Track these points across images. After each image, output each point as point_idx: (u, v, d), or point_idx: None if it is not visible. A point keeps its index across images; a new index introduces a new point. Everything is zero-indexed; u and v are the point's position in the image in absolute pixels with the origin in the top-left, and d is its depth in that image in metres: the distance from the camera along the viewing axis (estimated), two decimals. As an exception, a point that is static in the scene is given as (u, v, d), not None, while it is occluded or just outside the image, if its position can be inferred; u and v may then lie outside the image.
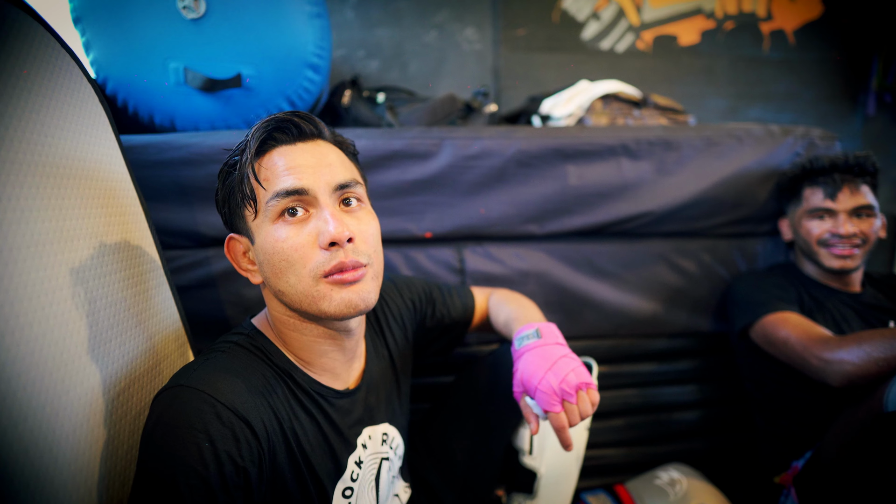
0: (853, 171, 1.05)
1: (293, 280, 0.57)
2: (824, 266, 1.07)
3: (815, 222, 1.07)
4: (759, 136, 1.19)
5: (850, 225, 1.03)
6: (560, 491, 0.88)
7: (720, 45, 2.66)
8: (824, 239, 1.06)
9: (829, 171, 1.06)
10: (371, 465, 0.70)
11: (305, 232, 0.57)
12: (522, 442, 0.84)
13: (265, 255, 0.59)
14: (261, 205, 0.58)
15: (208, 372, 0.54)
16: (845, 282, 1.10)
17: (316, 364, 0.65)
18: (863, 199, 1.04)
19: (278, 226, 0.57)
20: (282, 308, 0.62)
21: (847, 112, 2.80)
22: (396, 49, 2.44)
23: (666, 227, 1.18)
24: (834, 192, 1.04)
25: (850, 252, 1.04)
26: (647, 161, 1.14)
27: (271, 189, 0.57)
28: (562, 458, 0.86)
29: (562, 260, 1.14)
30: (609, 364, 1.20)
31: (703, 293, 1.21)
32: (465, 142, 1.07)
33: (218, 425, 0.50)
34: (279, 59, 1.20)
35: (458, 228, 1.10)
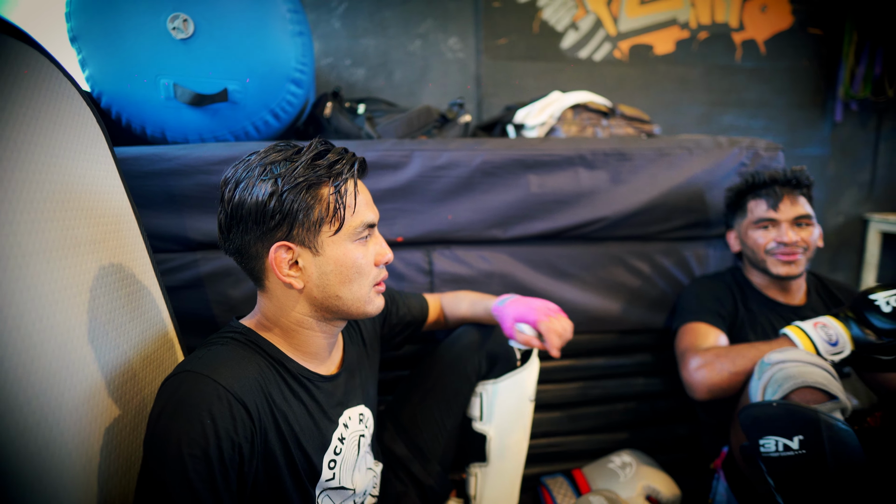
0: (791, 184, 1.15)
1: (356, 287, 0.71)
2: (771, 273, 1.15)
3: (761, 232, 1.16)
4: (707, 147, 1.29)
5: (793, 233, 1.13)
6: (511, 457, 0.98)
7: (694, 54, 2.77)
8: (770, 248, 1.14)
9: (770, 184, 1.15)
10: (352, 440, 0.79)
11: (370, 252, 0.73)
12: (473, 409, 0.96)
13: (336, 266, 0.70)
14: (346, 227, 0.69)
15: (210, 360, 0.63)
16: (788, 293, 1.19)
17: (307, 353, 0.75)
18: (802, 209, 1.14)
19: (356, 245, 0.71)
20: (308, 310, 0.72)
21: (816, 119, 2.92)
22: (382, 58, 2.53)
23: (621, 232, 1.28)
24: (776, 203, 1.13)
25: (794, 258, 1.13)
26: (603, 171, 1.24)
27: (358, 218, 0.71)
28: (510, 425, 0.98)
29: (524, 262, 1.23)
30: (571, 358, 1.29)
31: (658, 293, 1.31)
32: (433, 153, 1.17)
33: (218, 405, 0.58)
34: (263, 74, 1.29)
35: (427, 233, 1.19)
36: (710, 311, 1.14)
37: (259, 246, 0.68)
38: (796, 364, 0.87)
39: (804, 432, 0.78)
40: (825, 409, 0.81)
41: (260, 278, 0.71)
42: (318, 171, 0.67)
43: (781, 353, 0.91)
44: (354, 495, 0.79)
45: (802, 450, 0.77)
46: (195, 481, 0.56)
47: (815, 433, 0.77)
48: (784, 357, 0.90)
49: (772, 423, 0.81)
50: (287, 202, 0.66)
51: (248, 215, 0.66)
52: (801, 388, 0.85)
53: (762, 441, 0.81)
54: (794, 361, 0.88)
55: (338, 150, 0.71)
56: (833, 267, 3.14)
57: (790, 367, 0.87)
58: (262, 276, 0.71)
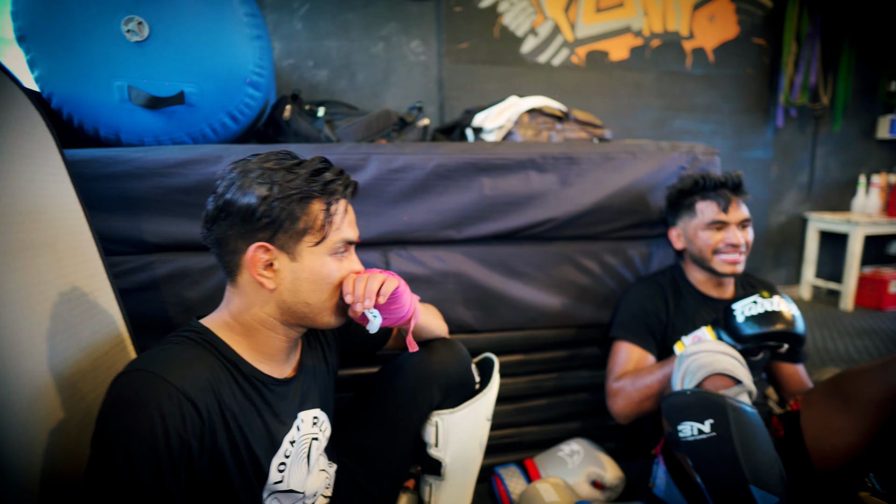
0: (738, 190, 1.24)
1: (325, 297, 0.75)
2: (717, 271, 1.23)
3: (711, 233, 1.23)
4: (650, 152, 1.37)
5: (739, 235, 1.21)
6: (466, 471, 1.02)
7: (648, 61, 2.89)
8: (719, 248, 1.22)
9: (719, 188, 1.23)
10: (303, 443, 0.82)
11: (344, 268, 0.76)
12: (428, 436, 0.97)
13: (310, 274, 0.73)
14: (327, 240, 0.73)
15: (161, 359, 0.65)
16: (721, 287, 1.28)
17: (264, 354, 0.77)
18: (745, 212, 1.23)
19: (332, 259, 0.74)
20: (275, 312, 0.74)
21: (760, 123, 3.09)
22: (345, 60, 2.55)
23: (571, 232, 1.35)
24: (726, 205, 1.21)
25: (738, 259, 1.22)
26: (553, 174, 1.30)
27: (340, 234, 0.75)
28: (466, 448, 0.99)
29: (479, 261, 1.29)
30: (524, 353, 1.35)
31: (606, 290, 1.38)
32: (389, 157, 1.20)
33: (168, 403, 0.60)
34: (220, 77, 1.29)
35: (384, 234, 1.23)
36: (638, 329, 1.23)
37: (240, 242, 0.71)
38: (707, 354, 0.96)
39: (714, 416, 0.85)
40: (732, 394, 0.90)
41: (234, 272, 0.73)
42: (313, 186, 0.72)
43: (695, 346, 0.99)
44: (304, 498, 0.81)
45: (713, 432, 0.85)
46: (143, 479, 0.57)
47: (723, 416, 0.85)
48: (697, 349, 0.99)
49: (687, 409, 0.88)
50: (276, 209, 0.69)
51: (236, 213, 0.69)
52: (711, 375, 0.93)
53: (679, 427, 0.89)
54: (705, 352, 0.97)
55: (336, 171, 0.76)
56: (776, 263, 3.33)
57: (702, 357, 0.96)
58: (237, 271, 0.73)
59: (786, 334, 1.04)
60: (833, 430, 1.03)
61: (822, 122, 3.18)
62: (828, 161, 3.28)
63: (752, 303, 1.06)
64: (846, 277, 3.05)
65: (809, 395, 1.11)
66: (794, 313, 1.06)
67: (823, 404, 1.07)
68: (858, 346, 2.42)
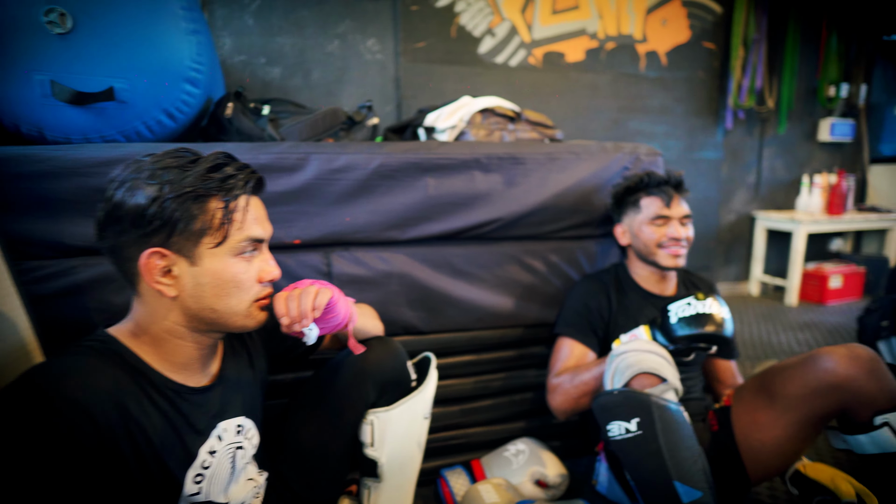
0: (679, 187, 1.28)
1: (234, 301, 0.71)
2: (661, 265, 1.26)
3: (654, 228, 1.26)
4: (594, 152, 1.39)
5: (682, 229, 1.25)
6: (404, 472, 1.01)
7: (603, 63, 2.94)
8: (662, 242, 1.26)
9: (663, 185, 1.27)
10: (226, 453, 0.79)
11: (253, 268, 0.73)
12: (364, 436, 0.96)
13: (213, 279, 0.69)
14: (229, 240, 0.70)
15: (57, 369, 0.61)
16: (663, 283, 1.31)
17: (176, 364, 0.73)
18: (685, 208, 1.27)
19: (237, 260, 0.71)
20: (181, 320, 0.71)
21: (710, 125, 3.19)
22: (299, 57, 2.50)
23: (516, 232, 1.35)
24: (669, 201, 1.25)
25: (680, 252, 1.25)
26: (498, 174, 1.30)
27: (244, 233, 0.71)
28: (403, 447, 0.99)
29: (423, 262, 1.28)
30: (471, 353, 1.35)
31: (552, 289, 1.39)
32: (330, 156, 1.18)
33: (58, 416, 0.57)
34: (154, 73, 1.24)
35: (325, 235, 1.20)
36: (581, 325, 1.25)
37: (133, 249, 0.67)
38: (635, 353, 0.98)
39: (640, 415, 0.87)
40: (658, 392, 0.92)
41: (133, 282, 0.70)
42: (209, 183, 0.68)
43: (624, 345, 1.02)
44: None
45: (639, 431, 0.87)
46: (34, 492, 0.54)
47: (648, 415, 0.87)
48: (626, 348, 1.01)
49: (614, 409, 0.90)
50: (168, 210, 0.65)
51: (125, 216, 0.65)
52: (638, 374, 0.95)
53: (609, 427, 0.90)
54: (633, 351, 0.99)
55: (237, 165, 0.73)
56: (727, 260, 3.45)
57: (630, 356, 0.98)
58: (136, 281, 0.69)
59: (714, 336, 1.07)
60: (759, 424, 1.07)
61: (767, 124, 3.31)
62: (774, 162, 3.41)
63: (685, 304, 1.09)
64: (790, 274, 3.19)
65: (740, 391, 1.15)
66: (725, 316, 1.09)
67: (751, 400, 1.10)
68: (800, 340, 2.53)
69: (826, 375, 0.98)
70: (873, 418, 0.95)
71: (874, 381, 0.95)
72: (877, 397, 0.95)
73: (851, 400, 0.96)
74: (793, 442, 1.05)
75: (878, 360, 0.97)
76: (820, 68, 3.34)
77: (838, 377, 0.96)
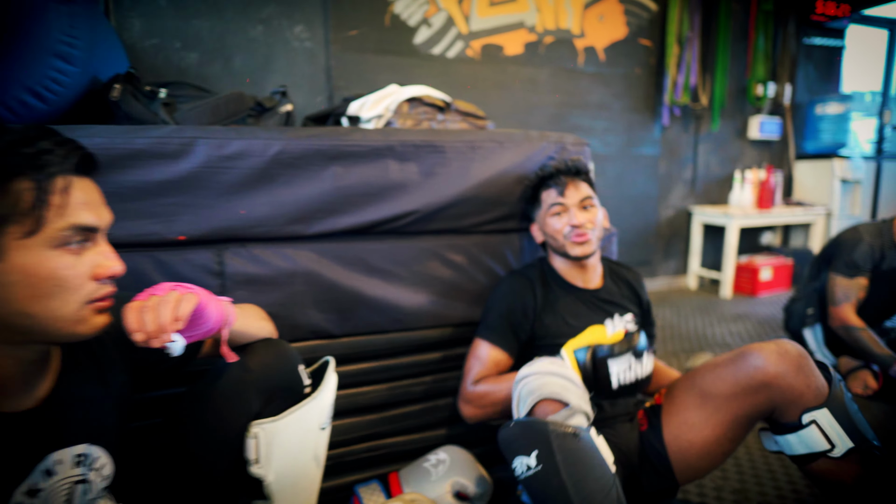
0: (572, 172, 1.22)
1: (56, 304, 0.59)
2: (570, 255, 1.20)
3: (555, 218, 1.20)
4: (518, 141, 1.32)
5: (581, 215, 1.19)
6: (298, 491, 0.89)
7: (542, 57, 2.90)
8: (566, 232, 1.19)
9: (555, 174, 1.21)
10: (59, 491, 0.65)
11: (84, 263, 0.61)
12: (250, 452, 0.84)
13: (24, 277, 0.57)
14: (46, 229, 0.57)
15: None
16: (586, 275, 1.25)
17: None
18: (584, 192, 1.21)
19: (59, 253, 0.59)
20: None
21: (648, 121, 3.22)
22: (218, 42, 2.32)
23: (436, 225, 1.26)
24: (562, 189, 1.19)
25: (586, 238, 1.18)
26: (414, 163, 1.21)
27: (66, 220, 0.59)
28: (295, 462, 0.87)
29: (333, 259, 1.16)
30: (389, 357, 1.25)
31: (477, 286, 1.31)
32: (221, 142, 1.05)
33: None
34: (11, 47, 1.07)
35: (217, 230, 1.07)
36: (501, 328, 1.17)
37: None
38: (536, 377, 0.90)
39: (538, 447, 0.79)
40: (560, 419, 0.84)
41: None
42: (14, 159, 0.56)
43: (528, 367, 0.94)
44: None
45: (539, 465, 0.79)
46: None
47: (547, 446, 0.79)
48: (529, 371, 0.93)
49: (516, 443, 0.82)
50: None
51: None
52: (540, 401, 0.87)
53: (514, 464, 0.82)
54: (535, 374, 0.91)
55: (58, 140, 0.60)
56: (666, 255, 3.51)
57: (531, 381, 0.90)
58: None
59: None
60: (689, 425, 1.03)
61: (702, 121, 3.39)
62: (709, 158, 3.50)
63: (626, 368, 1.05)
64: (724, 267, 3.27)
65: (672, 390, 1.11)
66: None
67: (682, 399, 1.06)
68: (733, 331, 2.58)
69: (755, 372, 0.95)
70: (801, 416, 0.92)
71: (802, 377, 0.92)
72: (804, 394, 0.92)
73: (780, 398, 0.94)
74: (721, 443, 1.01)
75: (806, 357, 0.95)
76: (749, 67, 3.45)
77: (767, 374, 0.94)
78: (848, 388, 1.81)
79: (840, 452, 0.90)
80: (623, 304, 1.26)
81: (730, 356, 1.02)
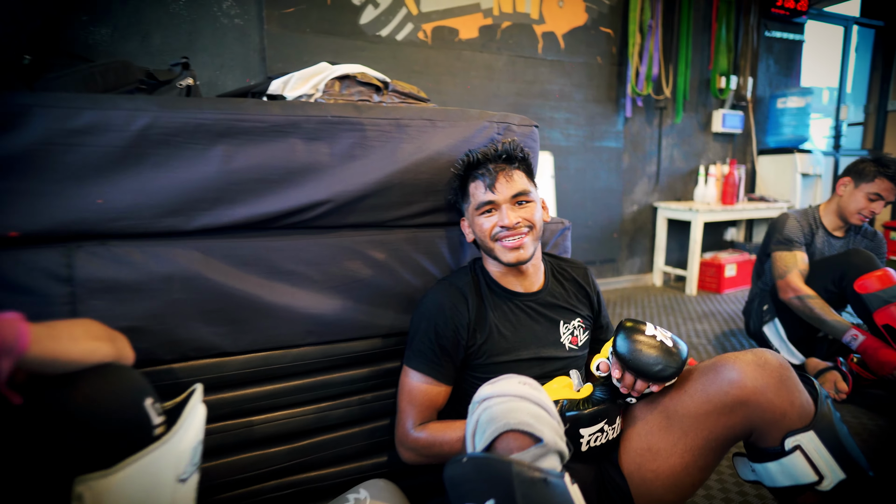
0: (503, 159, 1.02)
1: None
2: (501, 261, 1.01)
3: (485, 217, 1.01)
4: (453, 119, 1.13)
5: (513, 214, 0.99)
6: None
7: (499, 42, 2.73)
8: (496, 233, 1.00)
9: (483, 163, 1.01)
10: None
11: None
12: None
13: None
14: None
15: None
16: (524, 279, 1.06)
17: None
18: (518, 185, 1.00)
19: None
20: None
21: (611, 113, 3.09)
22: (133, 16, 2.05)
23: (356, 218, 1.06)
24: (492, 182, 0.99)
25: (520, 243, 1.00)
26: (327, 143, 1.01)
27: None
28: None
29: (223, 259, 0.95)
30: (300, 377, 1.04)
31: (410, 289, 1.12)
32: (66, 111, 0.82)
33: None
34: None
35: (64, 224, 0.84)
36: (431, 353, 0.98)
37: None
38: (503, 400, 0.70)
39: (496, 494, 0.59)
40: (528, 459, 0.65)
41: None
42: None
43: (490, 386, 0.74)
44: None
45: None
46: None
47: (508, 494, 0.59)
48: (492, 392, 0.73)
49: (467, 485, 0.62)
50: None
51: None
52: (503, 433, 0.68)
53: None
54: (499, 397, 0.71)
55: None
56: (631, 252, 3.39)
57: (494, 407, 0.70)
58: None
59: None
60: (654, 452, 0.87)
61: (665, 113, 3.29)
62: (672, 152, 3.40)
63: (598, 430, 0.87)
64: (690, 264, 3.18)
65: (631, 409, 0.94)
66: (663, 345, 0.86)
67: (645, 422, 0.90)
68: (698, 330, 2.46)
69: (730, 388, 0.80)
70: (784, 440, 0.76)
71: (784, 393, 0.77)
72: (787, 413, 0.77)
73: (759, 418, 0.78)
74: (691, 472, 0.85)
75: (789, 369, 0.79)
76: (712, 59, 3.37)
77: (744, 390, 0.78)
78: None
79: (830, 485, 0.74)
80: (570, 307, 1.09)
81: (700, 369, 0.86)
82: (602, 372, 0.91)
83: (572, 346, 1.07)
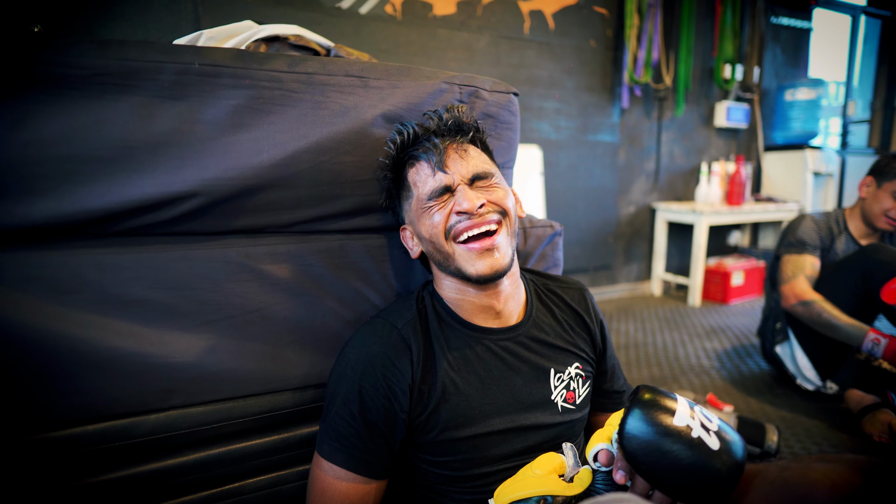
0: (453, 132, 0.69)
1: None
2: (467, 273, 0.67)
3: (434, 210, 0.68)
4: (395, 77, 0.79)
5: (474, 193, 0.66)
6: None
7: (480, 20, 2.40)
8: (452, 225, 0.66)
9: (424, 138, 0.69)
10: None
11: None
12: None
13: None
14: None
15: None
16: (497, 306, 0.71)
17: None
18: (476, 164, 0.68)
19: None
20: None
21: (606, 104, 2.77)
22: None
23: (246, 220, 0.72)
24: (441, 160, 0.66)
25: (491, 243, 0.66)
26: (193, 103, 0.66)
27: None
28: None
29: (19, 285, 0.60)
30: (163, 457, 0.70)
31: (338, 322, 0.78)
32: None
33: None
34: None
35: None
36: (357, 436, 0.64)
37: None
38: None
39: None
40: None
41: None
42: None
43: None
44: None
45: None
46: None
47: None
48: None
49: None
50: None
51: None
52: None
53: None
54: None
55: None
56: (627, 258, 3.07)
57: None
58: None
59: None
60: None
61: (665, 104, 2.98)
62: (672, 148, 3.10)
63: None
64: (693, 271, 2.86)
65: None
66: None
67: None
68: (708, 350, 2.15)
69: None
70: None
71: None
72: None
73: None
74: None
75: None
76: (716, 45, 3.07)
77: None
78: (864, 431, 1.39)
79: None
80: (564, 346, 0.76)
81: (765, 481, 0.53)
82: (602, 465, 0.58)
83: (567, 406, 0.73)
